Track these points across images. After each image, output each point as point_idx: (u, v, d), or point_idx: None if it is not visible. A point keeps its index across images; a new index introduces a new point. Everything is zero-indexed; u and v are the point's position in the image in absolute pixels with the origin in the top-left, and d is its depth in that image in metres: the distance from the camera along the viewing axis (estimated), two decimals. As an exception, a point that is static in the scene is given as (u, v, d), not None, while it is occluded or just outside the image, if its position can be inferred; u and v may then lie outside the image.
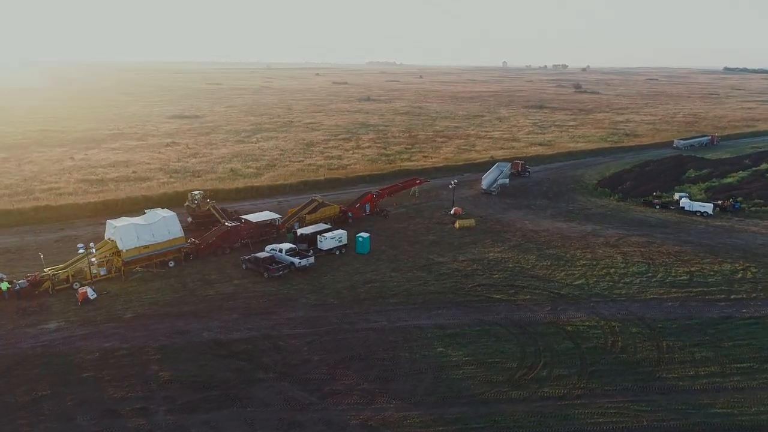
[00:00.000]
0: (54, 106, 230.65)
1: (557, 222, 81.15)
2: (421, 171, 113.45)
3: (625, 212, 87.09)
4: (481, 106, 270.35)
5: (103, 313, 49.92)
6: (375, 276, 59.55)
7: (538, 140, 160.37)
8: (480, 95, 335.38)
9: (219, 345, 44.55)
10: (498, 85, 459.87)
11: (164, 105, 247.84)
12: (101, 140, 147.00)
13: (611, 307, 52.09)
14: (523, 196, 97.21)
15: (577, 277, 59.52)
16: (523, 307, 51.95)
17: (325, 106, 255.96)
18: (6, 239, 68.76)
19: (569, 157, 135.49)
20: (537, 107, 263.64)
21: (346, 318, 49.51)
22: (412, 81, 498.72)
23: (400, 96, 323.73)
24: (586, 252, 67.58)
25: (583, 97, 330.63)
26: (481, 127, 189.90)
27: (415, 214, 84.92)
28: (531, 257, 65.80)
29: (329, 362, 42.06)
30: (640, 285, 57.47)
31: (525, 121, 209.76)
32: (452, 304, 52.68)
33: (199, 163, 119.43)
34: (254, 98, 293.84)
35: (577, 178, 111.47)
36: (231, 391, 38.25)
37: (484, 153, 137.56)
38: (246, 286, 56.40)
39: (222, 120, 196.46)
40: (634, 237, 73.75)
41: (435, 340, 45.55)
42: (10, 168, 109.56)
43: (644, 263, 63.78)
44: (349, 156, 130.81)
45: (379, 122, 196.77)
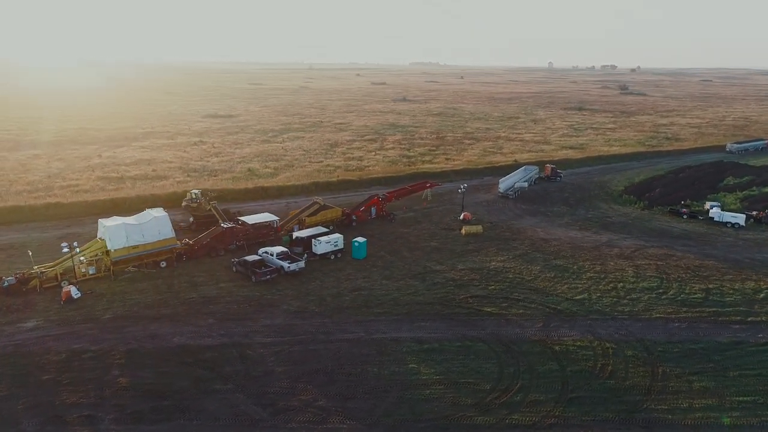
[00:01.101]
0: (99, 105, 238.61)
1: (572, 230, 76.82)
2: (439, 174, 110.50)
3: (648, 222, 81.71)
4: (518, 107, 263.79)
5: (83, 313, 49.67)
6: (365, 283, 57.38)
7: (570, 143, 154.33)
8: (519, 96, 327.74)
9: (186, 351, 43.38)
10: (540, 86, 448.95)
11: (202, 104, 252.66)
12: (133, 138, 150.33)
13: (609, 326, 48.16)
14: (542, 202, 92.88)
15: (580, 291, 55.63)
16: (513, 323, 48.67)
17: (358, 107, 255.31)
18: (13, 235, 70.14)
19: (599, 161, 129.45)
20: (576, 109, 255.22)
21: (323, 327, 47.56)
22: (452, 82, 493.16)
23: (437, 97, 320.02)
24: (596, 264, 63.35)
25: (628, 99, 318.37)
26: (513, 129, 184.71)
27: (423, 218, 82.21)
28: (535, 268, 62.15)
29: (292, 375, 40.18)
30: (647, 302, 53.12)
31: (561, 123, 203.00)
32: (438, 316, 49.93)
33: (219, 162, 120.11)
34: (290, 98, 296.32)
35: (604, 184, 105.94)
36: (183, 402, 36.89)
37: (510, 156, 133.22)
38: (231, 290, 55.26)
39: (254, 120, 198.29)
40: (652, 249, 68.83)
41: (409, 355, 43.01)
42: (39, 165, 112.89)
43: (657, 278, 59.17)
44: (370, 157, 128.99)
45: (409, 123, 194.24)
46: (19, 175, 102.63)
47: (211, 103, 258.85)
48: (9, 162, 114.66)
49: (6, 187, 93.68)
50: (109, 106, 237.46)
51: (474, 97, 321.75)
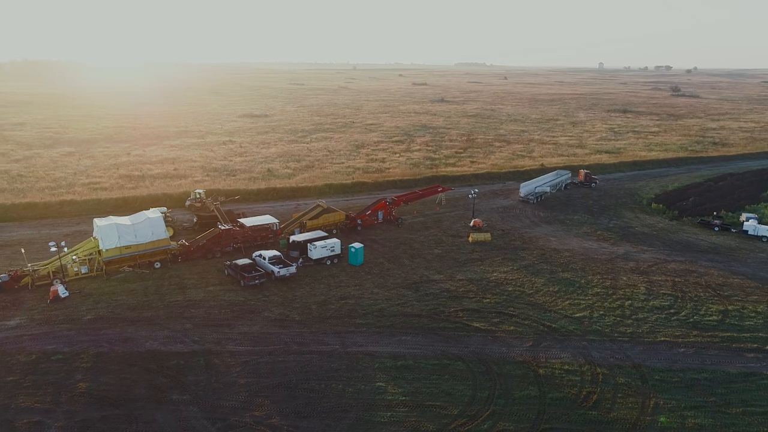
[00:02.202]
0: (144, 104, 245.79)
1: (588, 241, 72.34)
2: (459, 177, 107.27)
3: (675, 233, 76.12)
4: (559, 109, 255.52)
5: (66, 313, 49.66)
6: (355, 291, 55.28)
7: (607, 147, 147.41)
8: (562, 98, 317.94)
9: (154, 357, 42.43)
10: (586, 87, 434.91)
11: (241, 104, 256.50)
12: (165, 137, 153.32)
13: (606, 349, 44.32)
14: (562, 209, 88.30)
15: (582, 308, 51.75)
16: (500, 341, 45.50)
17: (394, 107, 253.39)
18: (24, 231, 71.72)
19: (634, 167, 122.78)
20: (620, 111, 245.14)
21: (299, 337, 45.77)
22: (495, 83, 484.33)
23: (476, 98, 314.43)
24: (606, 278, 59.08)
25: (679, 101, 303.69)
26: (549, 131, 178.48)
27: (432, 224, 79.36)
28: (539, 280, 58.49)
29: (253, 388, 38.51)
30: (653, 323, 48.78)
31: (601, 126, 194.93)
32: (422, 330, 47.29)
33: (241, 162, 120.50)
34: (328, 98, 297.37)
35: (634, 192, 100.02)
36: (135, 412, 35.78)
37: (539, 160, 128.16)
38: (217, 294, 54.26)
39: (286, 120, 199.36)
40: (673, 263, 63.78)
41: (380, 372, 40.62)
42: (68, 162, 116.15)
43: (671, 296, 54.49)
44: (393, 159, 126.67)
45: (442, 124, 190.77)
46: (48, 172, 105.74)
47: (249, 103, 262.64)
48: (42, 159, 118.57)
49: (32, 183, 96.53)
50: (152, 105, 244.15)
51: (515, 98, 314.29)
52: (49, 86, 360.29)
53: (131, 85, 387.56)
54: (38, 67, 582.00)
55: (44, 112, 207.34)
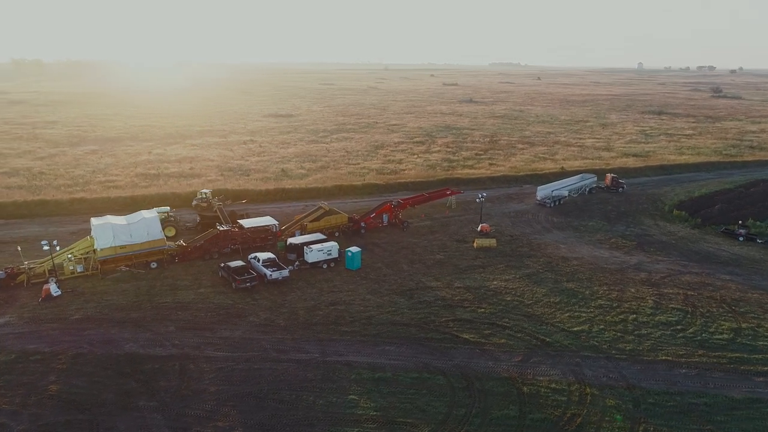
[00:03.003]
0: (173, 103, 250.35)
1: (599, 249, 69.02)
2: (474, 180, 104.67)
3: (695, 243, 72.00)
4: (591, 110, 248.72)
5: (55, 312, 49.73)
6: (347, 297, 53.80)
7: (635, 150, 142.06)
8: (595, 99, 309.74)
9: (130, 360, 41.86)
10: (622, 88, 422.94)
11: (268, 104, 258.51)
12: (188, 136, 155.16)
13: (600, 367, 41.61)
14: (578, 214, 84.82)
15: (581, 322, 48.98)
16: (488, 354, 43.28)
17: (421, 108, 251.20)
18: (32, 228, 72.86)
19: (661, 171, 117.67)
20: (655, 113, 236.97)
21: (280, 344, 44.56)
22: (527, 83, 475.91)
23: (506, 98, 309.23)
24: (613, 290, 55.98)
25: (719, 103, 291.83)
26: (576, 133, 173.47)
27: (439, 228, 77.23)
28: (540, 290, 55.85)
29: (222, 396, 37.43)
30: (656, 340, 45.70)
31: (633, 128, 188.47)
32: (408, 340, 45.45)
33: (258, 161, 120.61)
34: (356, 98, 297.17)
35: (656, 197, 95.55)
36: (99, 417, 35.13)
37: (561, 163, 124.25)
38: (207, 296, 53.60)
39: (310, 119, 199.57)
40: (688, 276, 60.10)
41: (355, 384, 39.00)
42: (90, 160, 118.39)
43: (680, 311, 51.14)
44: (410, 160, 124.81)
45: (466, 125, 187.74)
46: (68, 170, 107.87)
47: (277, 103, 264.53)
48: (66, 157, 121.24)
49: (50, 180, 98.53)
50: (182, 104, 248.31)
51: (546, 99, 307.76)
52: (87, 85, 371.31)
53: (166, 84, 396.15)
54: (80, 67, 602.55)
55: (76, 111, 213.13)
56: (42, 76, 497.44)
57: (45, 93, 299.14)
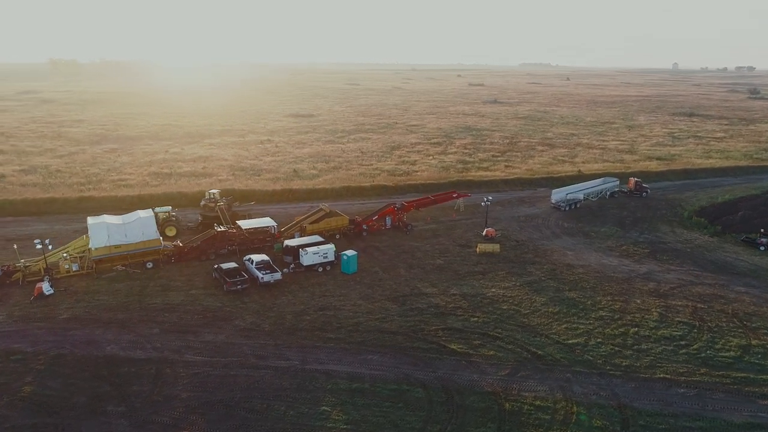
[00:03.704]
0: (199, 103, 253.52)
1: (608, 257, 66.14)
2: (487, 183, 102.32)
3: (712, 252, 68.40)
4: (618, 112, 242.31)
5: (45, 311, 49.79)
6: (337, 302, 52.51)
7: (659, 154, 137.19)
8: (624, 100, 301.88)
9: (108, 363, 41.40)
10: (653, 89, 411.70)
11: (291, 104, 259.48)
12: (207, 135, 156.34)
13: (592, 384, 39.31)
14: (591, 219, 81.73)
15: (578, 334, 46.62)
16: (475, 366, 41.40)
17: (444, 108, 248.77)
18: (38, 226, 73.67)
19: (685, 175, 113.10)
20: (686, 115, 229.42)
21: (260, 350, 43.54)
22: (556, 83, 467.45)
23: (532, 99, 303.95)
24: (617, 300, 53.33)
25: (755, 105, 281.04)
26: (600, 135, 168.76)
27: (444, 232, 75.31)
28: (540, 299, 53.58)
29: (192, 404, 36.54)
30: (657, 356, 43.08)
31: (660, 130, 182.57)
32: (393, 349, 43.88)
33: (271, 161, 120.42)
34: (379, 99, 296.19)
35: (676, 203, 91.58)
36: (66, 422, 34.62)
37: (580, 165, 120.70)
38: (197, 298, 53.01)
39: (330, 120, 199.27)
40: (700, 287, 56.93)
41: (330, 395, 37.65)
42: (107, 159, 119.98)
43: (687, 325, 48.27)
44: (425, 162, 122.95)
45: (487, 126, 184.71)
46: (84, 168, 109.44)
47: (300, 103, 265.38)
48: (84, 155, 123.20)
49: (64, 179, 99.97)
50: (207, 104, 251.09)
51: (573, 100, 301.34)
52: (119, 85, 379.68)
53: (196, 84, 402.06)
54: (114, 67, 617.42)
55: (103, 110, 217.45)
56: (77, 75, 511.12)
57: (77, 92, 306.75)
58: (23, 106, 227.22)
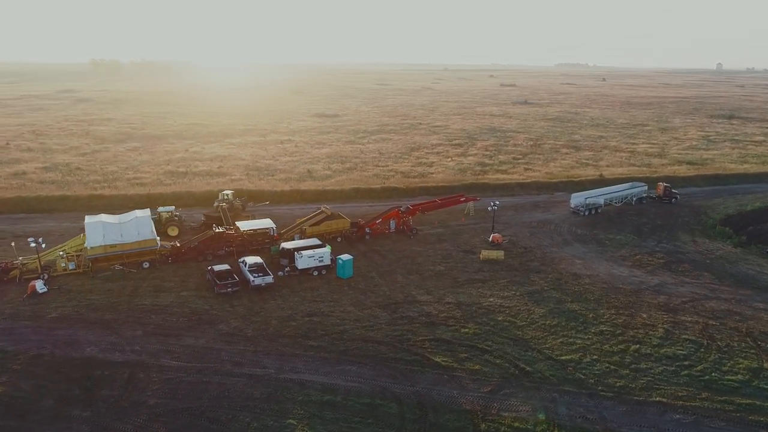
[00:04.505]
0: (228, 102, 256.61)
1: (619, 266, 62.78)
2: (502, 186, 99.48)
3: (733, 264, 64.20)
4: (653, 113, 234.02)
5: (35, 309, 49.94)
6: (327, 308, 51.10)
7: (690, 158, 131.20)
8: (661, 101, 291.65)
9: (84, 365, 40.98)
10: (693, 90, 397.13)
11: (318, 104, 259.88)
12: (229, 135, 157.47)
13: (579, 405, 36.73)
14: (607, 226, 78.08)
15: (574, 349, 43.95)
16: (456, 381, 39.31)
17: (471, 109, 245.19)
18: (47, 223, 74.78)
19: (715, 180, 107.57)
20: (725, 117, 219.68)
21: (238, 356, 42.45)
22: (590, 84, 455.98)
23: (564, 100, 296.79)
24: (621, 314, 50.26)
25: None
26: (630, 138, 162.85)
27: (450, 236, 73.07)
28: (539, 310, 50.98)
29: (157, 411, 35.64)
30: (656, 377, 40.11)
31: (695, 133, 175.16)
32: (374, 359, 42.15)
33: (287, 161, 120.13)
34: (407, 99, 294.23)
35: (702, 210, 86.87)
36: (28, 425, 34.18)
37: (604, 169, 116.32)
38: (186, 300, 52.40)
39: (354, 120, 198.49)
40: (714, 301, 53.26)
41: (300, 407, 36.19)
42: (128, 157, 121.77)
43: (694, 343, 44.99)
44: (442, 164, 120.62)
45: (513, 128, 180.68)
46: (104, 166, 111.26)
47: (328, 103, 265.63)
48: (106, 154, 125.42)
49: (82, 176, 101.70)
50: (236, 103, 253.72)
51: (606, 101, 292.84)
52: (156, 85, 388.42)
53: (230, 84, 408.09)
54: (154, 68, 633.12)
55: (134, 109, 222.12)
56: (116, 75, 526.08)
57: (112, 92, 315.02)
58: (59, 105, 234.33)
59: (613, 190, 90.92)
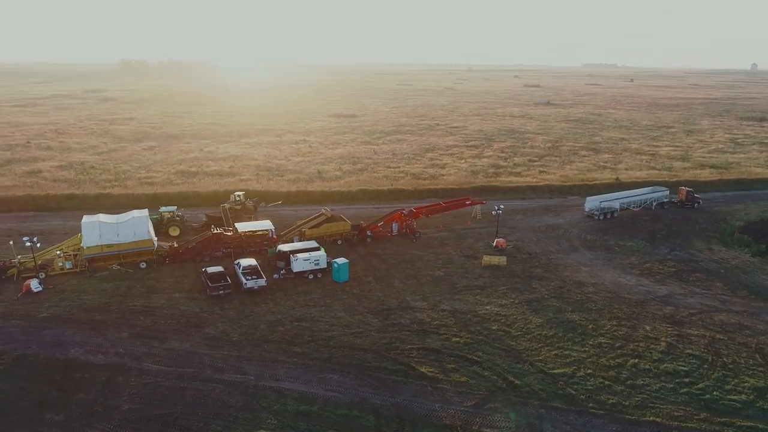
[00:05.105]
0: (249, 102, 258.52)
1: (627, 275, 60.29)
2: (513, 189, 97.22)
3: (749, 274, 61.10)
4: (680, 115, 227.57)
5: (27, 308, 50.06)
6: (317, 313, 50.06)
7: (715, 161, 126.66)
8: (689, 103, 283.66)
9: (67, 367, 40.71)
10: (725, 91, 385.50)
11: (338, 104, 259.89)
12: (246, 135, 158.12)
13: (566, 423, 34.89)
14: (619, 232, 75.32)
15: (568, 362, 42.00)
16: (440, 393, 37.81)
17: (491, 110, 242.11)
18: (53, 222, 75.59)
19: (738, 185, 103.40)
20: (756, 120, 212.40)
21: (220, 362, 41.69)
22: (617, 85, 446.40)
23: (588, 101, 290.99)
24: (623, 326, 48.03)
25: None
26: (653, 140, 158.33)
27: (453, 240, 71.37)
28: (537, 320, 49.08)
29: (130, 417, 35.03)
30: (652, 394, 37.96)
31: (723, 136, 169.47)
32: (358, 368, 40.92)
33: (299, 162, 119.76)
34: (427, 99, 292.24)
35: (721, 216, 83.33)
36: (1, 429, 33.85)
37: (623, 173, 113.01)
38: (178, 302, 51.98)
39: (372, 120, 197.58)
40: (724, 314, 50.56)
41: (274, 416, 35.18)
42: (143, 156, 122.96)
43: (698, 358, 42.60)
44: (455, 165, 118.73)
45: (532, 129, 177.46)
46: (117, 165, 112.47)
47: (347, 103, 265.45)
48: (122, 153, 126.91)
49: (95, 175, 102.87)
50: (256, 103, 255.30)
51: (632, 102, 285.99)
52: (180, 84, 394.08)
53: (251, 84, 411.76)
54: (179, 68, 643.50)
55: (156, 109, 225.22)
56: (143, 75, 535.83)
57: (137, 91, 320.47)
58: (84, 104, 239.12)
59: (632, 194, 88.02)
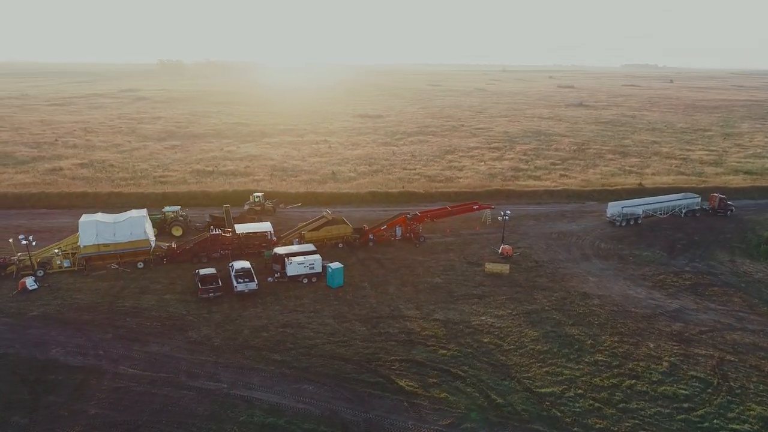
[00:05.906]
0: (279, 102, 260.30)
1: (637, 287, 56.94)
2: (528, 193, 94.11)
3: (772, 289, 56.96)
4: (719, 117, 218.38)
5: (20, 306, 50.31)
6: (305, 319, 48.76)
7: (750, 167, 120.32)
8: (730, 105, 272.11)
9: (45, 368, 40.46)
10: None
11: (365, 104, 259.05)
12: (268, 134, 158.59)
13: (546, 448, 32.52)
14: (635, 241, 71.60)
15: (558, 381, 39.49)
16: (415, 410, 35.91)
17: (520, 111, 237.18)
18: (63, 219, 76.54)
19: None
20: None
21: (196, 368, 40.77)
22: (655, 86, 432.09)
23: (623, 102, 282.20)
24: (625, 342, 45.10)
25: None
26: (686, 144, 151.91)
27: (458, 246, 69.09)
28: (532, 333, 46.59)
29: (95, 422, 34.36)
30: (646, 420, 35.15)
31: (763, 139, 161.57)
32: (335, 379, 39.37)
33: (316, 162, 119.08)
34: (456, 100, 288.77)
35: (749, 226, 78.46)
36: (-35, 429, 33.67)
37: (649, 178, 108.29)
38: (167, 303, 51.48)
39: (396, 121, 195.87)
40: (739, 333, 46.99)
41: (239, 428, 33.96)
42: (163, 155, 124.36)
43: (702, 381, 39.46)
44: (473, 168, 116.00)
45: (560, 131, 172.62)
46: (136, 163, 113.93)
47: (374, 103, 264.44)
48: (144, 151, 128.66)
49: (113, 173, 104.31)
50: (284, 103, 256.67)
51: (669, 104, 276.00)
52: (214, 84, 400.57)
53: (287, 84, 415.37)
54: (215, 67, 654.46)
55: (185, 108, 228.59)
56: (180, 75, 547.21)
57: (171, 91, 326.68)
58: (117, 103, 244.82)
59: (660, 200, 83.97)
